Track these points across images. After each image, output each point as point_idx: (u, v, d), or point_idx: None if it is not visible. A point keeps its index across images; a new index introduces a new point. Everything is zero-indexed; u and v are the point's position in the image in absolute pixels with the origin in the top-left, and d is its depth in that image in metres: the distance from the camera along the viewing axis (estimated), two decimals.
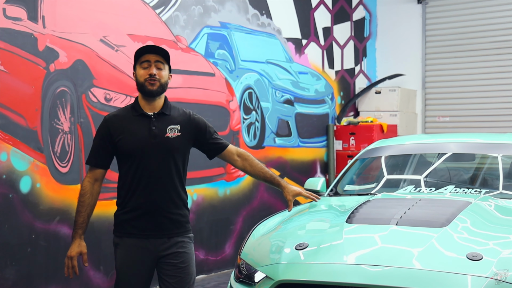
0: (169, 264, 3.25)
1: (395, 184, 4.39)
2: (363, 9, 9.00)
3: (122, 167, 3.30)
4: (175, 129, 3.27)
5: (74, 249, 3.30)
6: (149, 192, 3.22)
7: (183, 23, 6.24)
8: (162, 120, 3.28)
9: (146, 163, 3.22)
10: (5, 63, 4.68)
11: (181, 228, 3.30)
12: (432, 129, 8.75)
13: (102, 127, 3.33)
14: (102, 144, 3.30)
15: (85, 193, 3.31)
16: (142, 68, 3.24)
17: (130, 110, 3.32)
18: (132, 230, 3.24)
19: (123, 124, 3.26)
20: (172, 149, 3.26)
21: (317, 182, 4.55)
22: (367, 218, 3.44)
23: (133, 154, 3.22)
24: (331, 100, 8.37)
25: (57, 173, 5.07)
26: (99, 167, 3.33)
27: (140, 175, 3.22)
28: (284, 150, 7.53)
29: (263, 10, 7.23)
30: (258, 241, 3.59)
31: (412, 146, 4.80)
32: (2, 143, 4.66)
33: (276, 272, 3.15)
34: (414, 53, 8.83)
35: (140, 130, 3.24)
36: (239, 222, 6.89)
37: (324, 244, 3.25)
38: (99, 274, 5.39)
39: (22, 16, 4.81)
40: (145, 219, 3.22)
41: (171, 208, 3.27)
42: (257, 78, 7.13)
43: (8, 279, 4.69)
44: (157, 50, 3.28)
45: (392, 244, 3.15)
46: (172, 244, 3.26)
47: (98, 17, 5.39)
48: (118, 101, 5.56)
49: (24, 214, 4.81)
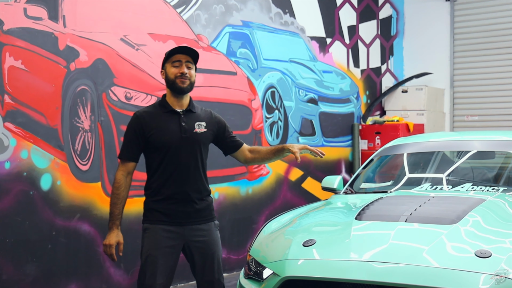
0: (196, 251, 3.48)
1: (412, 182, 4.32)
2: (390, 7, 8.90)
3: (153, 160, 3.49)
4: (202, 125, 3.54)
5: (113, 238, 3.44)
6: (179, 182, 3.44)
7: (205, 22, 6.26)
8: (189, 116, 3.52)
9: (177, 156, 3.43)
10: (26, 62, 4.76)
11: (207, 216, 3.53)
12: (461, 128, 8.60)
13: (134, 123, 3.49)
14: (134, 138, 3.47)
15: (119, 186, 3.48)
16: (174, 67, 3.46)
17: (158, 107, 3.53)
18: (162, 217, 3.45)
19: (154, 120, 3.46)
20: (200, 143, 3.51)
21: (334, 180, 4.51)
22: (377, 215, 3.39)
23: (165, 148, 3.43)
24: (357, 99, 8.29)
25: (78, 170, 5.13)
26: (131, 160, 3.51)
27: (171, 167, 3.43)
28: None
29: (286, 8, 7.20)
30: (268, 238, 3.57)
31: (430, 144, 4.72)
32: (23, 141, 4.74)
33: (283, 269, 3.13)
34: (442, 51, 8.69)
35: (171, 126, 3.46)
36: (261, 221, 6.87)
37: (331, 241, 3.22)
38: (120, 271, 5.44)
39: (42, 16, 4.88)
40: (175, 207, 3.44)
41: (198, 196, 3.50)
42: (280, 77, 7.11)
43: (29, 275, 4.76)
44: (188, 51, 3.49)
45: (400, 241, 3.09)
46: (199, 231, 3.49)
47: (119, 16, 5.44)
48: (138, 100, 5.60)
49: (44, 211, 4.87)
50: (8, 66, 4.65)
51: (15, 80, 4.69)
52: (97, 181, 5.28)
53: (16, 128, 4.69)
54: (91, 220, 5.20)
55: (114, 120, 5.38)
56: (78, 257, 5.11)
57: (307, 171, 7.46)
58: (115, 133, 5.40)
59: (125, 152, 3.51)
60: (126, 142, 3.52)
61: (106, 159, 5.33)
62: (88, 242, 5.20)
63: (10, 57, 4.65)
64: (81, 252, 5.14)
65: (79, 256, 5.12)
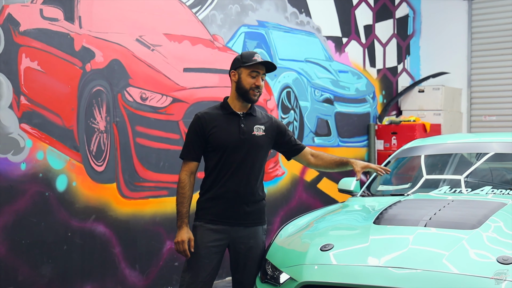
0: (239, 252, 3.53)
1: (430, 184, 4.26)
2: (407, 6, 8.82)
3: (210, 160, 3.56)
4: (261, 128, 3.59)
5: (184, 234, 3.49)
6: (232, 183, 3.49)
7: (220, 22, 6.23)
8: (249, 119, 3.58)
9: (234, 156, 3.49)
10: (42, 63, 4.76)
11: (256, 219, 3.59)
12: (478, 128, 8.50)
13: (195, 123, 3.56)
14: (196, 138, 3.54)
15: (184, 185, 3.53)
16: (251, 77, 3.50)
17: (219, 109, 3.60)
18: (211, 216, 3.51)
19: (214, 121, 3.53)
20: (257, 146, 3.55)
21: (351, 182, 4.47)
22: (395, 219, 3.34)
23: (223, 148, 3.49)
24: (373, 99, 8.23)
25: (93, 172, 5.12)
26: (194, 160, 3.56)
27: (226, 166, 3.50)
28: (323, 150, 7.39)
29: (302, 8, 7.16)
30: (284, 242, 3.53)
31: (449, 145, 4.65)
32: (39, 142, 4.74)
33: (300, 274, 3.09)
34: (459, 51, 8.60)
35: (230, 127, 3.52)
36: (276, 222, 6.83)
37: (349, 246, 3.17)
38: (135, 273, 5.43)
39: (58, 17, 4.88)
40: (225, 207, 3.49)
41: (251, 199, 3.54)
42: (296, 77, 7.07)
43: (45, 276, 4.76)
44: (269, 66, 3.56)
45: (420, 246, 3.04)
46: (247, 233, 3.54)
47: (134, 17, 5.42)
48: (154, 101, 5.58)
49: (60, 212, 4.87)
50: (24, 67, 4.65)
51: (31, 81, 4.69)
52: (113, 182, 5.27)
53: (32, 129, 4.69)
54: (106, 221, 5.20)
55: (129, 121, 5.37)
56: (93, 258, 5.11)
57: (322, 172, 7.41)
58: (131, 134, 5.39)
59: (187, 152, 3.58)
60: (188, 142, 3.58)
61: (121, 160, 5.32)
62: (104, 243, 5.19)
63: (26, 58, 4.65)
64: (96, 253, 5.13)
65: (94, 257, 5.12)
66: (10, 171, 4.57)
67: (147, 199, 5.55)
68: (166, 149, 5.66)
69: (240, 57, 3.60)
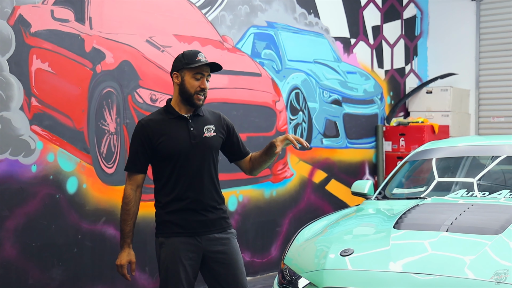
0: (217, 261, 3.28)
1: (446, 187, 4.22)
2: (414, 7, 8.78)
3: (162, 170, 3.29)
4: (211, 129, 3.33)
5: (124, 257, 3.28)
6: (193, 192, 3.25)
7: (230, 23, 6.19)
8: (197, 121, 3.32)
9: (188, 164, 3.24)
10: (52, 65, 4.72)
11: (224, 224, 3.34)
12: (486, 130, 8.46)
13: (139, 132, 3.29)
14: (141, 149, 3.27)
15: (129, 201, 3.29)
16: (195, 79, 3.25)
17: (164, 114, 3.33)
18: (178, 229, 3.26)
19: (161, 128, 3.27)
20: (211, 149, 3.32)
21: (364, 185, 4.43)
22: (416, 223, 3.30)
23: (175, 156, 3.24)
24: (380, 100, 8.19)
25: (103, 173, 5.09)
26: (140, 172, 3.31)
27: (182, 176, 3.24)
28: (331, 151, 7.41)
29: (311, 9, 7.12)
30: (302, 246, 3.49)
31: (464, 148, 4.61)
32: (49, 144, 4.70)
33: (320, 279, 3.05)
34: (467, 52, 8.55)
35: (179, 132, 3.26)
36: (285, 224, 6.80)
37: (370, 250, 3.14)
38: (145, 275, 5.39)
39: (69, 18, 4.84)
40: (191, 218, 3.25)
41: (214, 205, 3.31)
42: (304, 78, 7.03)
43: (55, 279, 4.72)
44: (214, 67, 3.32)
45: (442, 251, 3.00)
46: (217, 240, 3.29)
47: (144, 17, 5.39)
48: (163, 102, 5.53)
49: (70, 215, 4.84)
50: (35, 69, 4.61)
51: (42, 82, 4.66)
52: (122, 184, 5.14)
53: (42, 131, 4.66)
54: (116, 224, 5.16)
55: None
56: (103, 261, 5.07)
57: (330, 173, 7.38)
58: None
59: (132, 164, 3.31)
60: (133, 153, 3.30)
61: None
62: (114, 245, 5.15)
63: (37, 59, 4.62)
64: (106, 256, 5.09)
65: (104, 260, 5.08)
66: (21, 173, 4.54)
67: None
68: None
69: (182, 57, 3.31)
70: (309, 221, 7.05)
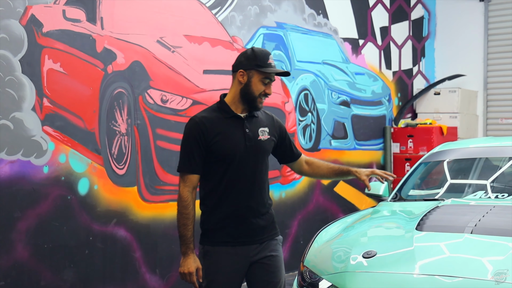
0: (260, 269, 3.12)
1: (462, 189, 4.18)
2: (422, 7, 8.75)
3: (213, 172, 3.09)
4: (265, 131, 3.15)
5: (191, 264, 3.05)
6: (245, 197, 3.08)
7: (239, 23, 6.16)
8: (252, 122, 3.14)
9: (242, 167, 3.06)
10: (64, 65, 4.69)
11: (272, 231, 3.19)
12: (494, 131, 8.42)
13: (193, 130, 3.06)
14: (196, 147, 3.04)
15: (187, 204, 3.04)
16: (263, 83, 3.09)
17: (218, 111, 3.13)
18: (226, 238, 3.08)
19: (216, 126, 3.07)
20: (264, 152, 3.15)
21: (380, 186, 4.39)
22: (439, 225, 3.27)
23: (228, 158, 3.05)
24: (388, 101, 8.16)
25: (114, 175, 5.05)
26: (196, 172, 3.07)
27: (235, 179, 3.07)
28: (340, 153, 7.37)
29: (320, 9, 7.09)
30: (322, 248, 3.45)
31: (478, 149, 4.57)
32: (61, 145, 4.67)
33: (343, 281, 3.01)
34: (475, 53, 8.51)
35: (234, 133, 3.08)
36: (294, 226, 6.76)
37: (393, 252, 3.10)
38: (155, 277, 5.35)
39: (81, 18, 4.81)
40: (240, 226, 3.08)
41: (263, 212, 3.14)
42: (313, 79, 7.00)
43: (67, 281, 4.69)
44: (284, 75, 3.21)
45: (467, 254, 2.97)
46: (264, 248, 3.13)
47: (155, 18, 5.35)
48: (174, 103, 5.51)
49: (82, 216, 4.80)
50: (47, 69, 4.58)
51: (54, 83, 4.62)
52: (133, 186, 5.20)
53: (54, 131, 4.62)
54: (127, 225, 5.13)
55: (150, 123, 5.30)
56: (114, 263, 5.03)
57: None
58: (151, 137, 5.33)
59: (187, 163, 3.05)
60: (187, 152, 3.06)
61: (142, 163, 5.25)
62: (124, 247, 5.12)
63: (49, 59, 4.58)
64: (117, 258, 5.06)
65: (115, 262, 5.04)
66: (33, 174, 4.50)
67: (167, 203, 5.47)
68: None
69: (254, 56, 3.10)
70: (317, 223, 7.06)
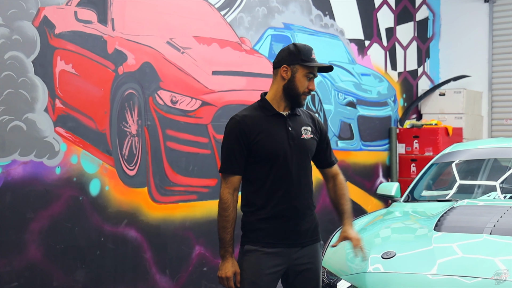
0: (301, 276, 3.04)
1: (476, 190, 4.20)
2: (427, 8, 8.77)
3: (256, 172, 3.00)
4: (308, 130, 3.06)
5: (229, 268, 2.97)
6: (289, 198, 2.98)
7: (248, 24, 6.17)
8: (295, 120, 3.04)
9: (286, 167, 2.98)
10: (76, 66, 4.69)
11: (315, 235, 3.10)
12: (499, 132, 8.45)
13: (235, 129, 2.97)
14: (238, 147, 2.96)
15: (228, 206, 2.96)
16: (307, 79, 2.98)
17: (259, 110, 3.03)
18: (268, 238, 2.99)
19: (258, 125, 2.98)
20: (308, 151, 3.06)
21: (391, 187, 4.41)
22: (457, 226, 3.28)
23: (273, 158, 2.97)
24: (394, 102, 8.17)
25: (125, 176, 5.06)
26: (238, 173, 2.99)
27: (279, 179, 2.98)
28: (346, 154, 7.39)
29: (326, 10, 7.10)
30: (340, 249, 3.46)
31: (489, 150, 4.59)
32: (73, 146, 4.67)
33: (363, 282, 3.03)
34: (480, 54, 8.53)
35: (277, 132, 2.99)
36: None
37: (412, 252, 3.11)
38: (165, 278, 5.36)
39: (92, 19, 4.82)
40: (284, 227, 2.99)
41: (308, 214, 3.06)
42: (320, 80, 7.01)
43: (79, 282, 4.69)
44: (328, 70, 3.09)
45: (487, 255, 2.98)
46: (305, 253, 3.05)
47: (165, 19, 5.36)
48: (183, 104, 5.52)
49: (93, 217, 4.81)
50: (59, 70, 4.58)
51: (66, 84, 4.63)
52: (144, 186, 5.21)
53: (66, 132, 4.63)
54: (137, 226, 5.14)
55: (160, 124, 5.31)
56: (125, 263, 5.04)
57: (345, 176, 7.20)
58: (161, 138, 5.33)
59: (229, 164, 2.97)
60: (229, 153, 2.97)
61: (152, 164, 5.26)
62: (135, 248, 5.13)
63: (61, 61, 4.59)
64: (128, 259, 5.07)
65: (126, 262, 5.05)
66: (45, 175, 4.51)
67: (177, 204, 5.49)
68: (195, 153, 5.60)
69: (297, 51, 2.98)
70: (324, 224, 7.05)
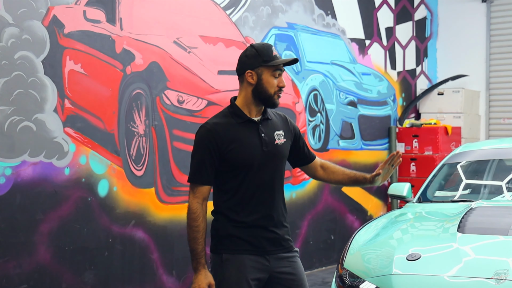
0: (284, 284, 2.97)
1: (489, 190, 4.22)
2: (425, 8, 8.80)
3: (230, 180, 2.92)
4: (281, 135, 2.96)
5: (202, 281, 2.85)
6: (264, 205, 2.92)
7: (252, 24, 6.15)
8: (267, 125, 2.94)
9: (260, 174, 2.90)
10: (85, 66, 4.66)
11: (290, 242, 3.02)
12: (497, 131, 8.50)
13: (205, 138, 2.87)
14: (208, 157, 2.85)
15: (197, 216, 2.85)
16: (274, 77, 2.88)
17: (230, 117, 2.92)
18: (247, 245, 2.91)
19: (229, 133, 2.88)
20: (282, 157, 2.98)
21: (403, 187, 4.40)
22: (481, 227, 3.28)
23: (246, 166, 2.88)
24: (393, 101, 8.20)
25: (133, 176, 5.03)
26: (207, 183, 2.89)
27: (253, 187, 2.90)
28: (347, 153, 7.40)
29: (328, 10, 7.11)
30: (362, 250, 3.46)
31: (501, 150, 4.61)
32: (81, 146, 4.64)
33: (389, 284, 3.02)
34: (477, 53, 8.58)
35: (250, 139, 2.89)
36: (304, 226, 6.78)
37: (437, 253, 3.11)
38: (172, 279, 5.34)
39: (101, 19, 4.78)
40: (260, 234, 2.92)
41: (282, 221, 2.99)
42: (322, 79, 7.01)
43: (87, 283, 4.66)
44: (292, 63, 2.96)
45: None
46: (285, 260, 2.97)
47: (172, 19, 5.33)
48: (190, 104, 5.50)
49: (101, 218, 4.78)
50: (68, 70, 4.55)
51: (75, 84, 4.59)
52: (151, 187, 5.18)
53: (75, 133, 4.60)
54: (145, 227, 5.11)
55: (167, 124, 5.28)
56: (132, 264, 5.01)
57: None
58: (168, 138, 5.31)
59: (198, 175, 2.86)
60: (199, 162, 2.86)
61: (159, 164, 5.23)
62: (142, 249, 5.10)
63: (70, 60, 4.55)
64: (135, 259, 5.04)
65: (133, 263, 5.03)
66: (54, 176, 4.47)
67: (184, 204, 5.44)
68: None
69: (257, 53, 2.88)
70: (326, 223, 7.09)
